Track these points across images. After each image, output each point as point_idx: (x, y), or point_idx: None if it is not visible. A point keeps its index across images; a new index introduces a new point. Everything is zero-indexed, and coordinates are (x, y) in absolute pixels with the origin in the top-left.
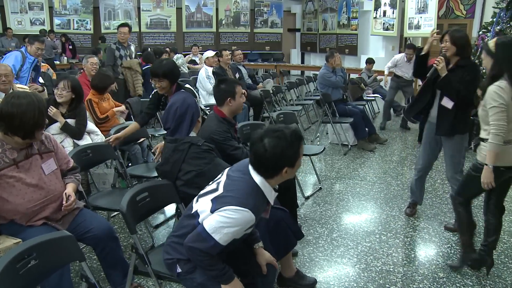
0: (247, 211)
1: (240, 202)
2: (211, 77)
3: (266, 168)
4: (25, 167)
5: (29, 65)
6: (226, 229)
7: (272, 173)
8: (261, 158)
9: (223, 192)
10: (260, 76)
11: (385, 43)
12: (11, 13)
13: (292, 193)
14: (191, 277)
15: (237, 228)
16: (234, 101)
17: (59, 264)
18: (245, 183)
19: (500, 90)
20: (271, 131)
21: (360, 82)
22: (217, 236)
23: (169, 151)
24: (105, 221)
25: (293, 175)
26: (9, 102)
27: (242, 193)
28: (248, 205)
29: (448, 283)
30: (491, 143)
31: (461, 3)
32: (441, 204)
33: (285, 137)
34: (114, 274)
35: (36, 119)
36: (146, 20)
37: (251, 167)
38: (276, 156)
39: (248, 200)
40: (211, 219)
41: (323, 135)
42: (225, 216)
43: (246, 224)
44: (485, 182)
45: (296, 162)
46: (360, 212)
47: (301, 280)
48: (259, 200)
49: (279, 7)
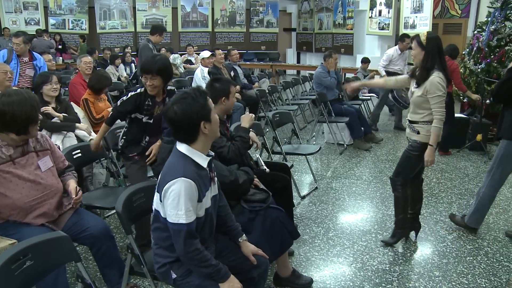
0: (180, 179)
1: (171, 175)
2: (207, 78)
3: (185, 131)
4: (21, 163)
5: (16, 62)
6: (179, 206)
7: (192, 134)
8: (175, 122)
9: (159, 178)
10: (256, 76)
11: (381, 43)
12: (6, 13)
13: (288, 192)
14: (188, 281)
15: (185, 199)
16: (228, 100)
17: (55, 264)
18: (172, 158)
19: (442, 81)
20: (177, 98)
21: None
22: (181, 219)
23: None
24: (101, 220)
25: (215, 133)
26: (0, 101)
27: (169, 168)
28: (178, 174)
29: (443, 281)
30: (437, 127)
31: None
32: (436, 203)
33: (189, 95)
34: (110, 273)
35: (28, 114)
36: (142, 20)
37: (177, 142)
38: (187, 113)
39: (178, 170)
40: (166, 209)
41: (319, 135)
42: (169, 197)
43: (191, 192)
44: (429, 160)
45: (210, 115)
46: (356, 211)
47: (297, 280)
48: (188, 167)
49: (274, 6)
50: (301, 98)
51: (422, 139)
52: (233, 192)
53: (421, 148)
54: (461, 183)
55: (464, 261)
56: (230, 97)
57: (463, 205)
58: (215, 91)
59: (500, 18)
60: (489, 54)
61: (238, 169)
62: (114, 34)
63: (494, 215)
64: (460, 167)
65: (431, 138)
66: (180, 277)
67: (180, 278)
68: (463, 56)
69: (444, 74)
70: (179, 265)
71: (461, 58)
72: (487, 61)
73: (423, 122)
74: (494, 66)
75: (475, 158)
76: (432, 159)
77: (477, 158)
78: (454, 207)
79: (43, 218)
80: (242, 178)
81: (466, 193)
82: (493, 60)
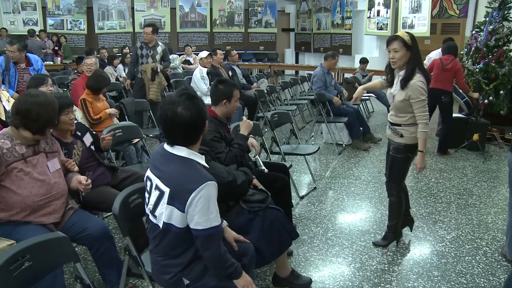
0: (207, 184)
1: (193, 182)
2: (205, 78)
3: (195, 133)
4: (33, 162)
5: (14, 69)
6: (209, 210)
7: (198, 135)
8: (180, 123)
9: (171, 189)
10: (255, 76)
11: (379, 43)
12: (4, 13)
13: (287, 192)
14: (202, 284)
15: (214, 202)
16: (229, 104)
17: (54, 265)
18: (178, 166)
19: (423, 84)
20: (183, 100)
21: (354, 82)
22: (213, 222)
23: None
24: (101, 220)
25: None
26: (28, 99)
27: (185, 176)
28: (202, 179)
29: (442, 281)
30: (423, 132)
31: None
32: (435, 203)
33: (193, 95)
34: (109, 273)
35: (51, 116)
36: (140, 20)
37: (170, 147)
38: (202, 114)
39: (199, 176)
40: (193, 217)
41: (318, 135)
42: (198, 204)
43: (215, 192)
44: (421, 167)
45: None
46: (355, 212)
47: (296, 280)
48: (203, 169)
49: (273, 7)
50: (299, 98)
51: (406, 141)
52: (231, 192)
53: (406, 150)
54: (460, 183)
55: (463, 261)
56: (232, 100)
57: (461, 205)
58: (218, 93)
59: (498, 18)
60: (487, 54)
61: (237, 169)
62: (113, 34)
63: (492, 215)
64: (459, 167)
65: (419, 144)
66: (193, 281)
67: (193, 282)
68: (461, 56)
69: (424, 75)
70: (190, 270)
71: (459, 58)
72: (485, 61)
73: (407, 125)
74: (492, 66)
75: (474, 158)
76: (423, 165)
77: (475, 158)
78: (452, 207)
79: (48, 217)
80: (240, 178)
81: (464, 193)
82: (491, 60)
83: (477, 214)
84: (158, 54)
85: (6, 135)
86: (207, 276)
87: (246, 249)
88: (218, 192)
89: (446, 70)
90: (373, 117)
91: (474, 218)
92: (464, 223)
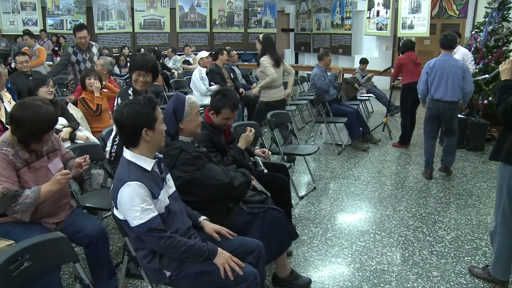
0: (127, 183)
1: (120, 181)
2: (204, 78)
3: (126, 134)
4: (36, 167)
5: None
6: (134, 208)
7: (134, 138)
8: (119, 123)
9: (111, 189)
10: (254, 77)
11: (379, 43)
12: (3, 13)
13: (286, 193)
14: (185, 273)
15: (138, 200)
16: (216, 117)
17: (53, 265)
18: (119, 167)
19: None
20: (128, 101)
21: (354, 82)
22: (141, 220)
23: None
24: (98, 221)
25: (159, 142)
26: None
27: (117, 175)
28: (125, 179)
29: (442, 281)
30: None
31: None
32: (434, 203)
33: (139, 101)
34: (101, 273)
35: (45, 131)
36: (140, 21)
37: (124, 149)
38: (131, 118)
39: (124, 176)
40: (125, 215)
41: (317, 135)
42: (123, 203)
43: (141, 193)
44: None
45: (155, 124)
46: (354, 212)
47: (295, 280)
48: (133, 171)
49: (272, 7)
50: (299, 98)
51: None
52: (228, 194)
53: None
54: (459, 183)
55: (462, 261)
56: (220, 116)
57: (461, 206)
58: (212, 101)
59: (498, 19)
60: (487, 55)
61: (236, 170)
62: (112, 34)
63: (492, 215)
64: (458, 167)
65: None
66: (174, 271)
67: (175, 272)
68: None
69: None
70: (169, 261)
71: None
72: (485, 62)
73: None
74: (492, 66)
75: (473, 158)
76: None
77: (475, 158)
78: (452, 208)
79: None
80: (238, 180)
81: (464, 193)
82: (490, 61)
83: (477, 214)
84: (95, 55)
85: (7, 142)
86: (186, 264)
87: (250, 246)
88: (215, 194)
89: (418, 65)
90: (372, 118)
91: (473, 219)
92: (464, 223)
